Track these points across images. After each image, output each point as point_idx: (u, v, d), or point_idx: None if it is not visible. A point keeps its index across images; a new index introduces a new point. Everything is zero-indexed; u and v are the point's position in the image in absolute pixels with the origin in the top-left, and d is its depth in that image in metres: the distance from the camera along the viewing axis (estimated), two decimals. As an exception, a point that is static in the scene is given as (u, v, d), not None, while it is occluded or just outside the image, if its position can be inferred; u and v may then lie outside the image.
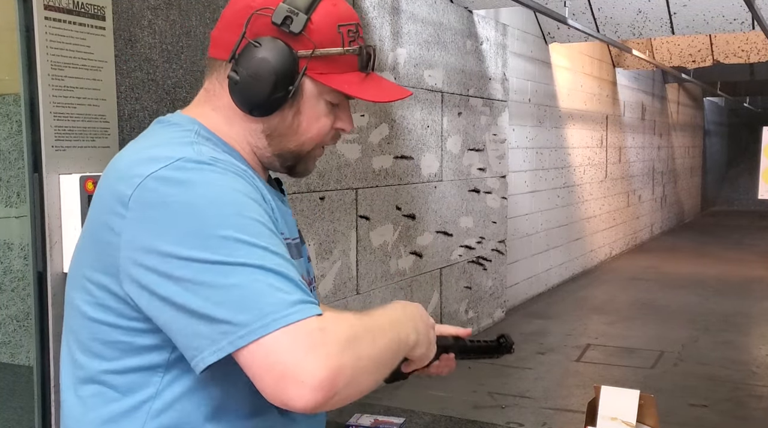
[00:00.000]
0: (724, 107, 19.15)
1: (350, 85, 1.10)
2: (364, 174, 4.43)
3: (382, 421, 1.79)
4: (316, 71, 1.08)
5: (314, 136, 1.14)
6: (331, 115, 1.14)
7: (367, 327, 0.99)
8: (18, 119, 2.30)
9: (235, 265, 0.91)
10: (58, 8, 2.22)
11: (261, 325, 0.89)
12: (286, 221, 1.15)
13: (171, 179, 0.96)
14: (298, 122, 1.11)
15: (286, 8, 1.06)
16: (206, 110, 1.14)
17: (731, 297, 7.56)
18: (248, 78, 1.07)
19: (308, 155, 1.16)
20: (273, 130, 1.12)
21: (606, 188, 9.80)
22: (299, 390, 0.89)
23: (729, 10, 6.05)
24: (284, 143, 1.13)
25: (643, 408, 1.50)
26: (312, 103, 1.11)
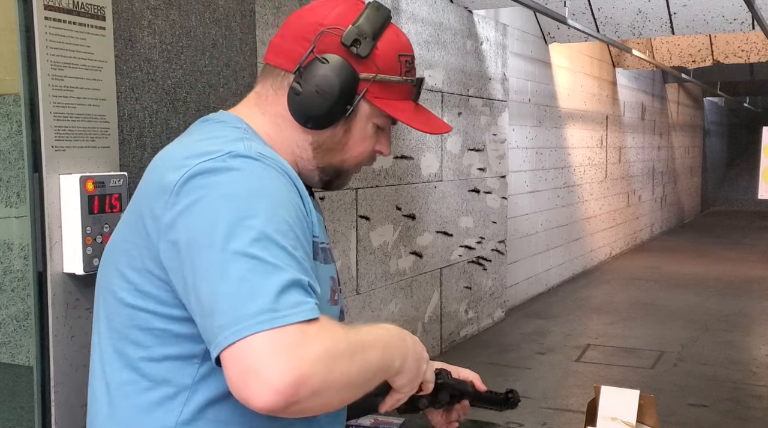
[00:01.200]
0: (724, 107, 19.16)
1: (403, 113, 1.16)
2: (364, 174, 4.43)
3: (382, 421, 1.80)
4: (373, 95, 1.13)
5: (357, 155, 1.18)
6: (375, 138, 1.19)
7: (350, 343, 0.97)
8: (18, 119, 2.30)
9: (247, 257, 0.92)
10: (58, 8, 2.23)
11: (251, 324, 0.89)
12: (320, 226, 1.17)
13: (218, 170, 0.99)
14: (347, 140, 1.16)
15: (356, 31, 1.11)
16: (255, 112, 1.17)
17: (731, 297, 7.56)
18: (311, 92, 1.11)
19: (347, 171, 1.21)
20: (321, 144, 1.15)
21: (606, 188, 9.80)
22: (261, 388, 0.88)
23: (729, 10, 6.05)
24: (329, 158, 1.17)
25: (643, 408, 1.50)
26: (362, 124, 1.16)
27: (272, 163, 1.03)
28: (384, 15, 1.15)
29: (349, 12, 1.13)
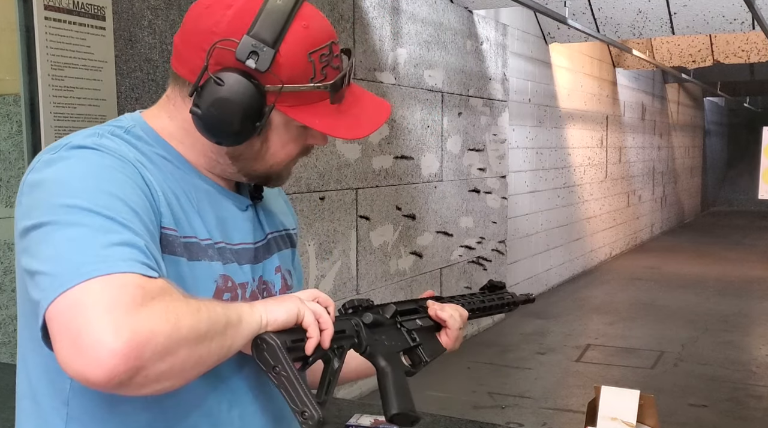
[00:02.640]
0: (724, 107, 19.16)
1: (321, 119, 1.04)
2: (364, 174, 4.43)
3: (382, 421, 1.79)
4: (285, 104, 1.03)
5: (284, 158, 1.09)
6: (302, 137, 1.09)
7: (192, 300, 0.88)
8: (18, 119, 2.30)
9: (72, 225, 0.85)
10: (58, 8, 2.22)
11: (75, 275, 0.80)
12: (226, 226, 1.09)
13: (51, 161, 0.95)
14: (266, 149, 1.07)
15: (251, 42, 0.98)
16: (162, 115, 1.08)
17: (731, 297, 7.56)
18: (211, 114, 1.00)
19: (279, 173, 1.12)
20: (239, 154, 1.06)
21: (606, 188, 9.80)
22: (95, 352, 0.76)
23: (729, 10, 6.05)
24: (251, 166, 1.08)
25: (643, 408, 1.50)
26: (280, 131, 1.06)
27: (111, 152, 0.96)
28: (285, 7, 1.00)
29: (244, 13, 0.99)
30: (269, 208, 1.21)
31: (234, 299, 1.05)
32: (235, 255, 1.09)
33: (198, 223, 1.04)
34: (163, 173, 1.02)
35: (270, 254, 1.17)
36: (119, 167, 0.95)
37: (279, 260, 1.18)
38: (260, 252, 1.14)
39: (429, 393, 4.64)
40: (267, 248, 1.16)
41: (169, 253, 0.97)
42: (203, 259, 1.02)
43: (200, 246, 1.02)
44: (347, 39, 4.23)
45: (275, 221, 1.22)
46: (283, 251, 1.21)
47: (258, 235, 1.15)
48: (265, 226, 1.18)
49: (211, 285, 1.02)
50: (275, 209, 1.24)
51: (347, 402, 2.09)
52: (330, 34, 1.05)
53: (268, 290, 1.14)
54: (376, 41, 4.49)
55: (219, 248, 1.06)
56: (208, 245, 1.04)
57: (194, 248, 1.01)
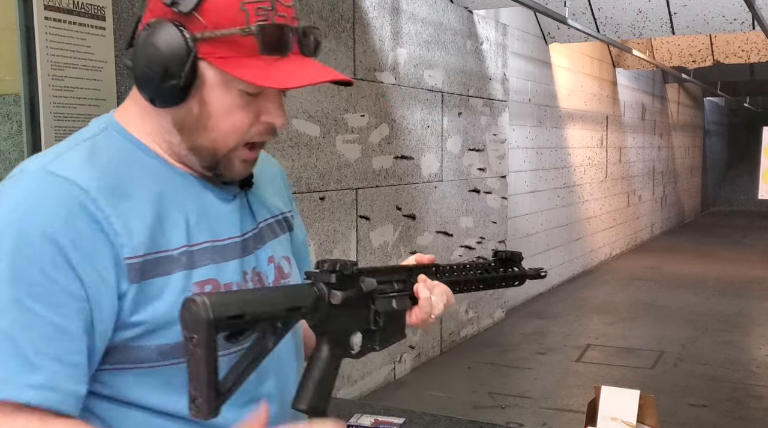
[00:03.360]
0: (724, 107, 19.16)
1: (250, 70, 0.95)
2: (364, 174, 4.43)
3: (382, 421, 1.79)
4: (215, 55, 0.96)
5: (228, 131, 1.00)
6: (252, 107, 1.00)
7: None
8: (18, 119, 2.30)
9: None
10: (58, 8, 2.22)
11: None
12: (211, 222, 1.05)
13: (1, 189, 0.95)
14: (207, 115, 0.99)
15: None
16: (129, 104, 1.05)
17: (731, 297, 7.56)
18: (141, 65, 0.97)
19: (230, 154, 1.02)
20: (182, 122, 1.00)
21: (606, 188, 9.80)
22: None
23: (729, 10, 6.05)
24: (195, 138, 1.01)
25: (643, 408, 1.50)
26: (219, 92, 0.98)
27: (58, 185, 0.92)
28: None
29: None
30: (260, 193, 1.16)
31: None
32: (222, 253, 1.04)
33: (172, 232, 0.99)
34: (131, 186, 0.98)
35: (262, 243, 1.12)
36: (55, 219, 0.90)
37: (272, 250, 1.14)
38: (250, 244, 1.10)
39: (429, 393, 4.64)
40: (259, 237, 1.12)
41: (135, 281, 0.95)
42: (173, 272, 0.98)
43: (170, 258, 0.98)
44: (347, 39, 4.23)
45: (268, 207, 1.17)
46: (278, 238, 1.17)
47: (247, 225, 1.10)
48: (257, 214, 1.13)
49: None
50: (269, 192, 1.19)
51: (347, 402, 2.09)
52: None
53: (261, 281, 1.10)
54: (376, 41, 4.49)
55: (198, 251, 1.01)
56: (180, 253, 0.99)
57: (164, 263, 0.98)
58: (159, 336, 0.97)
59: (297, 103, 3.84)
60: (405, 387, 4.77)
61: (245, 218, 1.11)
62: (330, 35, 4.08)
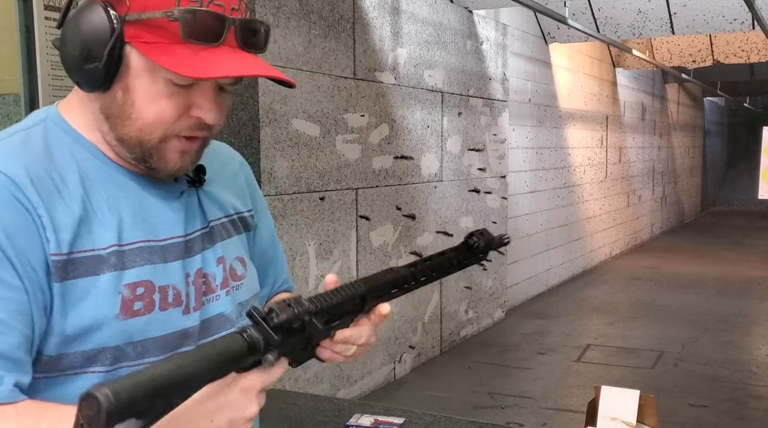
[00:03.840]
0: (724, 107, 19.16)
1: (173, 58, 0.89)
2: (364, 174, 4.43)
3: (382, 421, 1.79)
4: (141, 40, 0.91)
5: (153, 121, 0.93)
6: (180, 99, 0.94)
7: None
8: (18, 119, 2.29)
9: None
10: (58, 8, 2.22)
11: None
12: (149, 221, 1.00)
13: None
14: (130, 102, 0.93)
15: None
16: (72, 94, 1.01)
17: (731, 297, 7.56)
18: (67, 47, 0.94)
19: (159, 146, 0.96)
20: (108, 110, 0.95)
21: (606, 188, 9.80)
22: None
23: (729, 10, 6.05)
24: (121, 127, 0.95)
25: (643, 408, 1.50)
26: (144, 80, 0.92)
27: None
28: None
29: None
30: (214, 191, 1.10)
31: (148, 306, 0.96)
32: (161, 253, 0.99)
33: (100, 230, 0.95)
34: (60, 180, 0.94)
35: (211, 244, 1.06)
36: None
37: (223, 250, 1.08)
38: (196, 244, 1.04)
39: (429, 393, 4.64)
40: (208, 237, 1.06)
41: (60, 279, 0.91)
42: (101, 272, 0.93)
43: (99, 258, 0.94)
44: (347, 39, 4.23)
45: (222, 206, 1.11)
46: (231, 239, 1.11)
47: (195, 225, 1.05)
48: (208, 213, 1.07)
49: (116, 299, 0.94)
50: (225, 190, 1.13)
51: (347, 402, 2.09)
52: None
53: (208, 283, 1.05)
54: (376, 41, 4.49)
55: (131, 250, 0.96)
56: (110, 253, 0.94)
57: (90, 262, 0.93)
58: (84, 342, 0.92)
59: (297, 103, 3.84)
60: (405, 387, 4.77)
61: (192, 218, 1.05)
62: (330, 35, 4.08)
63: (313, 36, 3.95)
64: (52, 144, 0.96)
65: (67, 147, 0.97)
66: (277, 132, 3.70)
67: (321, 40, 4.01)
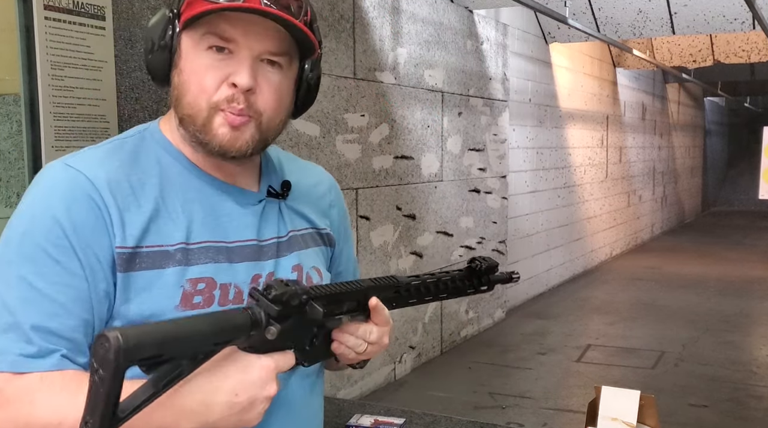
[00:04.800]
0: (724, 107, 19.15)
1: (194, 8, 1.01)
2: (364, 174, 4.43)
3: (383, 421, 1.79)
4: (184, 18, 1.03)
5: (198, 93, 1.02)
6: (220, 70, 1.02)
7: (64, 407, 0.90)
8: (18, 119, 2.29)
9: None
10: (58, 8, 2.22)
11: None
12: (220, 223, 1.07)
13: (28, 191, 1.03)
14: (183, 82, 1.04)
15: None
16: (171, 111, 1.11)
17: (732, 297, 7.55)
18: (145, 48, 1.08)
19: (207, 121, 1.03)
20: (172, 98, 1.07)
21: (606, 188, 9.80)
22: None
23: (729, 10, 6.04)
24: (179, 110, 1.05)
25: (644, 409, 1.50)
26: (191, 56, 1.03)
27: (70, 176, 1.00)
28: None
29: None
30: (297, 206, 1.19)
31: (207, 301, 1.03)
32: (228, 253, 1.07)
33: (170, 228, 1.03)
34: (138, 183, 1.03)
35: (289, 251, 1.14)
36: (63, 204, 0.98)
37: (299, 259, 1.15)
38: (271, 249, 1.11)
39: (430, 393, 4.64)
40: (286, 245, 1.14)
41: (125, 270, 0.99)
42: (166, 266, 1.01)
43: (166, 253, 1.02)
44: (347, 39, 4.23)
45: (305, 219, 1.20)
46: (309, 249, 1.18)
47: (271, 232, 1.13)
48: (288, 223, 1.16)
49: (177, 291, 1.01)
50: (308, 207, 1.21)
51: (347, 402, 2.09)
52: None
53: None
54: (376, 41, 4.49)
55: (197, 249, 1.04)
56: (177, 249, 1.02)
57: (157, 257, 1.01)
58: None
59: (297, 103, 3.84)
60: (405, 387, 4.77)
61: (269, 225, 1.13)
62: (330, 35, 4.08)
63: (314, 36, 3.94)
64: (142, 152, 1.07)
65: (155, 154, 1.07)
66: (277, 132, 3.70)
67: (321, 40, 4.00)
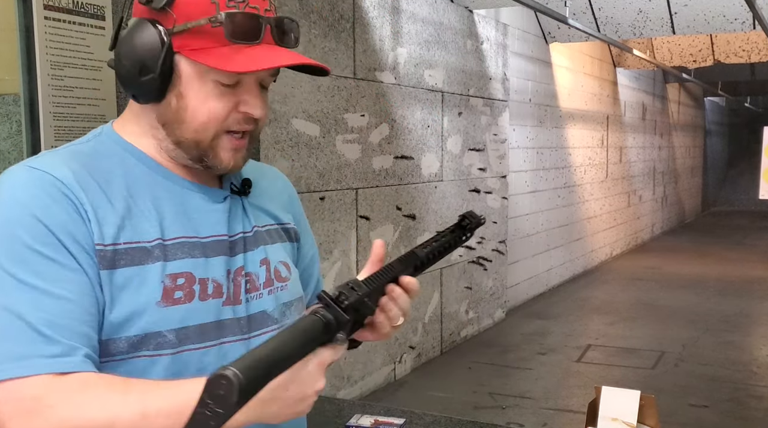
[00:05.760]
0: (724, 107, 19.15)
1: (216, 58, 0.99)
2: (364, 174, 4.43)
3: (383, 422, 1.79)
4: (189, 48, 1.00)
5: (206, 121, 1.03)
6: (228, 98, 1.03)
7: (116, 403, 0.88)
8: (18, 119, 2.29)
9: None
10: (58, 8, 2.22)
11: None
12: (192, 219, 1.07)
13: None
14: (184, 107, 1.02)
15: None
16: (126, 111, 1.11)
17: (732, 297, 7.55)
18: (122, 64, 1.02)
19: (213, 144, 1.04)
20: (164, 118, 1.04)
21: (606, 188, 9.79)
22: None
23: (730, 9, 6.04)
24: (178, 132, 1.04)
25: (644, 409, 1.50)
26: (195, 84, 1.02)
27: (37, 176, 0.98)
28: None
29: None
30: (260, 202, 1.19)
31: (188, 296, 1.03)
32: (203, 249, 1.07)
33: (145, 225, 1.02)
34: (105, 182, 1.02)
35: (255, 246, 1.14)
36: (36, 200, 0.96)
37: (266, 253, 1.15)
38: (238, 245, 1.11)
39: (430, 394, 4.64)
40: (253, 240, 1.14)
41: (105, 268, 0.98)
42: (145, 263, 1.01)
43: (143, 250, 1.01)
44: (347, 39, 4.23)
45: (268, 215, 1.20)
46: (276, 244, 1.19)
47: (236, 227, 1.12)
48: (253, 219, 1.16)
49: (158, 287, 1.01)
50: (270, 203, 1.22)
51: (347, 403, 2.09)
52: None
53: (252, 281, 1.12)
54: (376, 41, 4.49)
55: (173, 245, 1.04)
56: (154, 246, 1.02)
57: (135, 253, 1.00)
58: (129, 327, 0.98)
59: (297, 103, 3.84)
60: (405, 387, 4.77)
61: (236, 221, 1.13)
62: (330, 35, 4.08)
63: (313, 36, 3.94)
64: (102, 154, 1.05)
65: (117, 156, 1.06)
66: (277, 132, 3.70)
67: (321, 40, 4.00)
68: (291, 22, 1.05)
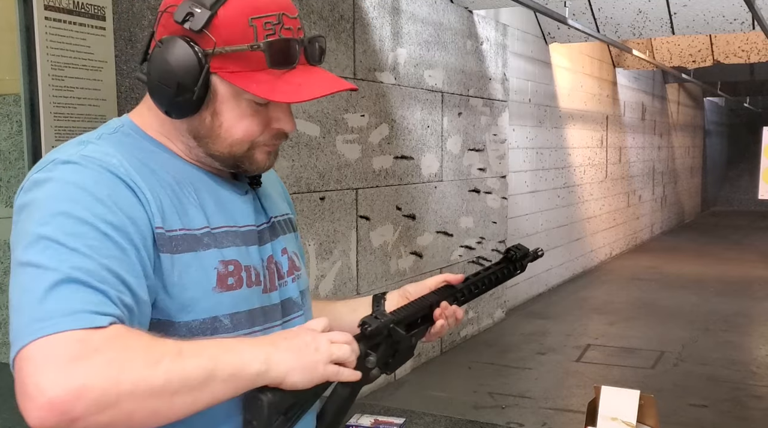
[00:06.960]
0: (724, 107, 19.15)
1: (258, 85, 1.02)
2: (364, 174, 4.43)
3: (383, 421, 1.79)
4: (226, 70, 1.02)
5: (241, 138, 1.06)
6: (261, 115, 1.07)
7: (152, 352, 0.89)
8: (18, 119, 2.30)
9: (38, 267, 0.89)
10: (58, 8, 2.23)
11: (24, 334, 0.86)
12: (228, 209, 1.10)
13: (37, 181, 0.98)
14: (219, 124, 1.05)
15: (189, 5, 1.01)
16: (143, 109, 1.11)
17: (731, 297, 7.56)
18: (154, 80, 1.03)
19: (246, 155, 1.09)
20: (196, 132, 1.07)
21: (606, 188, 9.80)
22: (30, 403, 0.83)
23: (729, 10, 6.05)
24: (211, 146, 1.07)
25: (644, 409, 1.50)
26: (230, 104, 1.05)
27: (93, 165, 0.98)
28: None
29: None
30: (269, 193, 1.23)
31: (238, 282, 1.07)
32: (243, 238, 1.11)
33: (193, 213, 1.05)
34: (152, 169, 1.04)
35: (276, 236, 1.19)
36: (98, 182, 0.96)
37: (284, 243, 1.21)
38: (265, 234, 1.16)
39: (430, 393, 4.64)
40: (272, 230, 1.19)
41: (166, 252, 1.00)
42: (199, 249, 1.03)
43: (195, 237, 1.04)
44: (347, 39, 4.23)
45: (277, 206, 1.24)
46: (287, 235, 1.24)
47: (260, 218, 1.17)
48: (268, 210, 1.20)
49: (212, 273, 1.04)
50: (274, 196, 1.26)
51: (347, 402, 2.09)
52: (281, 5, 1.04)
53: (279, 270, 1.17)
54: (376, 41, 4.49)
55: (219, 234, 1.07)
56: (203, 233, 1.05)
57: (189, 240, 1.03)
58: (187, 312, 1.01)
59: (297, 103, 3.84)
60: (405, 387, 4.77)
61: (258, 212, 1.17)
62: (330, 35, 4.08)
63: (313, 36, 3.94)
64: (134, 145, 1.07)
65: (148, 149, 1.07)
66: (277, 132, 3.70)
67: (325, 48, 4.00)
68: (320, 39, 1.09)
